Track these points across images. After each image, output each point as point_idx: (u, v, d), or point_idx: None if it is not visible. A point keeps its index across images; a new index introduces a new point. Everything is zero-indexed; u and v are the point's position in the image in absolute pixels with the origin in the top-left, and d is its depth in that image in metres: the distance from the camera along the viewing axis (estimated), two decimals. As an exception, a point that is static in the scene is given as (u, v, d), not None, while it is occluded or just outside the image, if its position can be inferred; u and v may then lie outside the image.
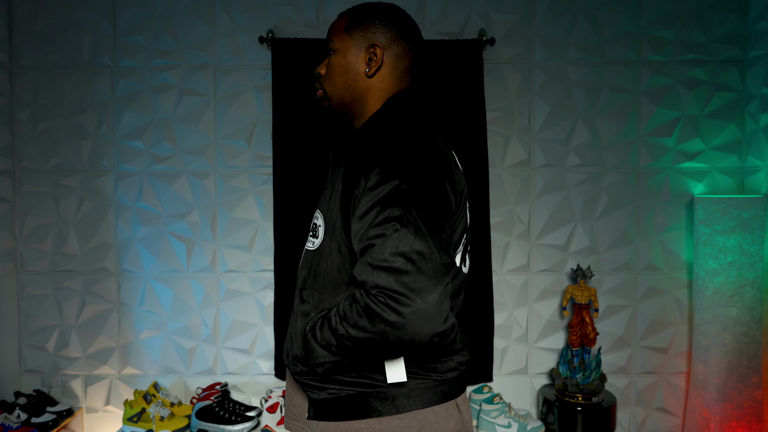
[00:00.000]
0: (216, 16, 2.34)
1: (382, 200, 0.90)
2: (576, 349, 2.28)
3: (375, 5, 1.14)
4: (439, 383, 1.07)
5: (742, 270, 2.17)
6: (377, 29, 1.11)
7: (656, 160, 2.37)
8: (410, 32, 1.13)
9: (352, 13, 1.13)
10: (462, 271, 1.13)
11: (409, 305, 0.86)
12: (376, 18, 1.11)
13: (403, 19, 1.13)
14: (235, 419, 2.20)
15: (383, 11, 1.13)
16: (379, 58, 1.10)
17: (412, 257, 0.87)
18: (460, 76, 2.28)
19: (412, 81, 1.16)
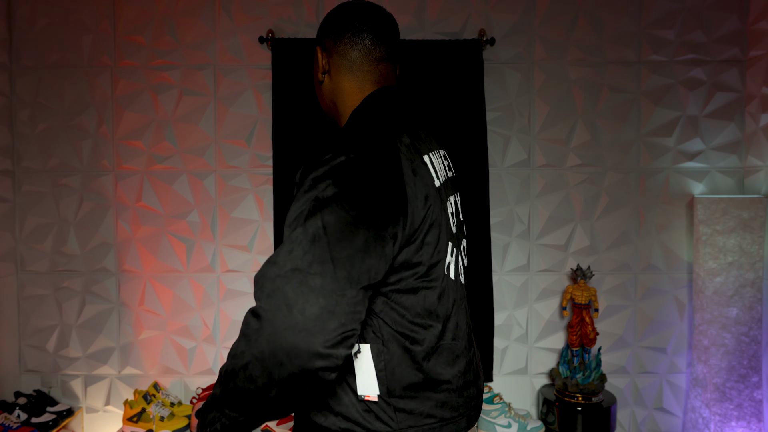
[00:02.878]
0: (216, 16, 2.34)
1: (294, 205, 0.86)
2: (576, 349, 2.28)
3: (336, 7, 1.08)
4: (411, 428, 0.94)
5: (742, 270, 2.17)
6: (323, 32, 1.06)
7: (656, 160, 2.37)
8: (361, 26, 1.03)
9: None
10: (450, 280, 1.00)
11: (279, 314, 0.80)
12: (325, 20, 1.07)
13: (351, 15, 1.04)
14: (235, 419, 2.20)
15: (333, 11, 1.07)
16: (320, 61, 1.07)
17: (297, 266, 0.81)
18: (460, 76, 2.28)
19: (397, 75, 1.12)
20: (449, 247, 0.99)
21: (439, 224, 0.94)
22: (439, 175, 1.01)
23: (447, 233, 0.98)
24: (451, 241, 1.00)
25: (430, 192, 0.94)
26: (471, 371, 1.04)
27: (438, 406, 0.97)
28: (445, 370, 0.97)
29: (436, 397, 0.97)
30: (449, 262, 0.99)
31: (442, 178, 1.03)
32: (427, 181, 0.94)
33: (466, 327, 1.06)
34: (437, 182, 0.99)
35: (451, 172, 1.14)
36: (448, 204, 1.03)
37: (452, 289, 1.01)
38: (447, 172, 1.10)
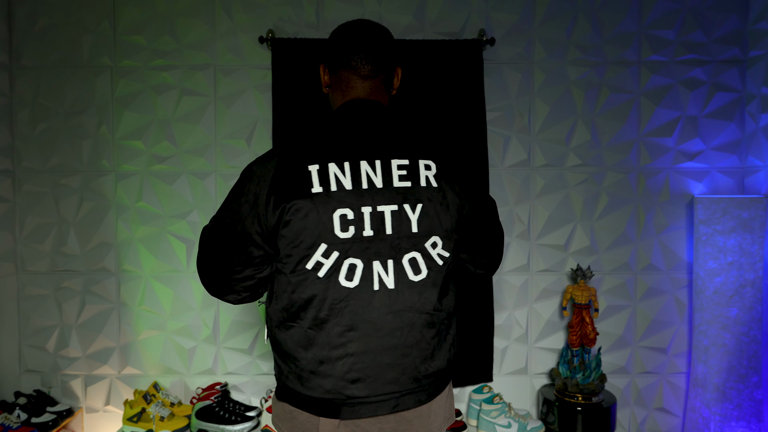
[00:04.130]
0: (216, 16, 2.34)
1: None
2: (576, 349, 2.28)
3: (335, 30, 1.25)
4: (301, 389, 1.15)
5: (742, 270, 2.17)
6: (324, 53, 1.25)
7: (656, 160, 2.37)
8: (342, 47, 1.19)
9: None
10: (320, 280, 1.10)
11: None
12: (327, 42, 1.25)
13: (339, 38, 1.21)
14: (235, 419, 2.20)
15: (333, 33, 1.24)
16: (322, 77, 1.26)
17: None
18: (460, 76, 2.28)
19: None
20: (322, 249, 1.08)
21: (304, 225, 1.07)
22: (341, 183, 1.09)
23: (323, 237, 1.08)
24: (334, 245, 1.08)
25: (299, 195, 1.07)
26: (353, 370, 1.12)
27: (300, 377, 1.15)
28: (299, 349, 1.13)
29: (297, 366, 1.14)
30: (326, 264, 1.09)
31: (352, 186, 1.09)
32: (298, 189, 1.08)
33: (369, 327, 1.12)
34: (318, 189, 1.08)
35: (406, 182, 1.12)
36: (365, 211, 1.09)
37: (332, 289, 1.10)
38: (383, 182, 1.11)
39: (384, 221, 1.11)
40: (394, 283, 1.11)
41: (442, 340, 1.19)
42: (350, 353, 1.11)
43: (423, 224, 1.12)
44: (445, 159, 1.19)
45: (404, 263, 1.12)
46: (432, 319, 1.16)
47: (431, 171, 1.15)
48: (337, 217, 1.08)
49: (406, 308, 1.12)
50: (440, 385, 1.22)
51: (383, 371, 1.13)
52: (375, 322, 1.11)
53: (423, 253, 1.13)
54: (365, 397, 1.13)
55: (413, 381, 1.15)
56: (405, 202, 1.12)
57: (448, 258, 1.17)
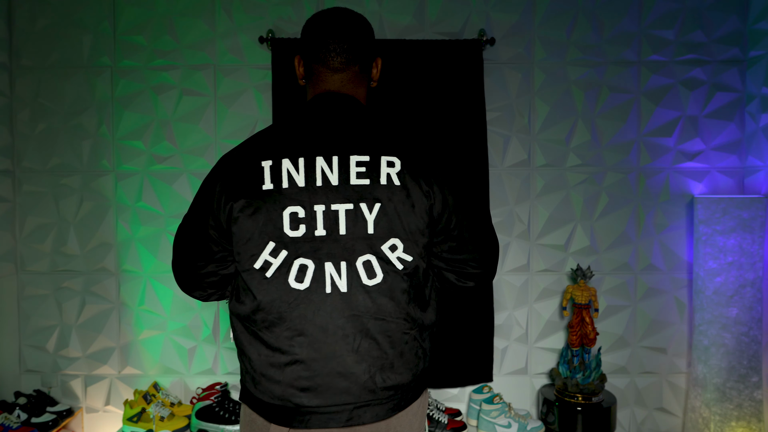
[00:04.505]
0: (216, 16, 2.34)
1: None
2: (576, 349, 2.28)
3: (307, 21, 1.21)
4: (254, 391, 1.12)
5: (742, 270, 2.17)
6: (299, 45, 1.20)
7: (656, 160, 2.37)
8: (310, 39, 1.15)
9: None
10: (266, 278, 1.05)
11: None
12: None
13: (308, 29, 1.16)
14: (235, 419, 2.20)
15: (305, 23, 1.19)
16: (297, 69, 1.21)
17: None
18: (460, 76, 2.28)
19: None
20: (270, 247, 1.05)
21: (253, 222, 1.05)
22: (294, 180, 1.05)
23: (271, 235, 1.04)
24: (283, 244, 1.04)
25: (249, 193, 1.05)
26: (303, 372, 1.07)
27: (253, 379, 1.11)
28: (251, 349, 1.10)
29: (250, 367, 1.11)
30: (274, 264, 1.05)
31: (305, 183, 1.05)
32: (248, 186, 1.06)
33: (319, 332, 1.05)
34: (269, 185, 1.05)
35: (364, 180, 1.05)
36: (318, 210, 1.04)
37: (281, 291, 1.05)
38: (339, 179, 1.05)
39: (338, 221, 1.04)
40: (347, 287, 1.04)
41: (406, 353, 1.09)
42: (299, 359, 1.05)
43: (381, 225, 1.04)
44: (413, 155, 1.08)
45: (358, 266, 1.05)
46: (389, 327, 1.06)
47: (394, 168, 1.06)
48: (287, 214, 1.04)
49: (359, 313, 1.05)
50: (404, 400, 1.11)
51: (334, 380, 1.05)
52: (326, 327, 1.04)
53: (379, 256, 1.05)
54: (316, 407, 1.06)
55: (368, 392, 1.07)
56: (361, 201, 1.04)
57: (411, 262, 1.06)
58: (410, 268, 1.07)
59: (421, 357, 1.12)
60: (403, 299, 1.07)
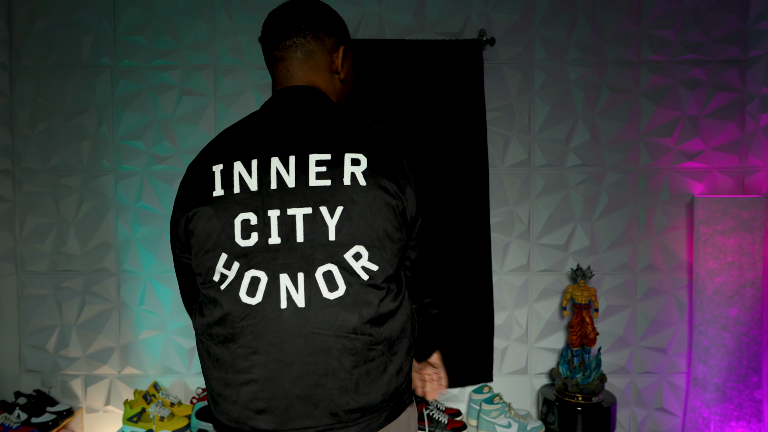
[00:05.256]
0: (216, 16, 2.34)
1: None
2: (576, 349, 2.28)
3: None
4: (214, 411, 1.05)
5: (742, 270, 2.17)
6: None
7: (656, 160, 2.37)
8: (268, 32, 1.09)
9: None
10: (221, 292, 0.97)
11: None
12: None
13: (270, 21, 1.09)
14: (235, 419, 2.20)
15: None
16: (269, 68, 1.13)
17: None
18: (460, 76, 2.28)
19: (297, 76, 1.09)
20: (223, 259, 0.96)
21: (206, 233, 0.97)
22: (246, 183, 0.96)
23: (223, 245, 0.96)
24: (234, 255, 0.95)
25: (200, 202, 0.98)
26: (266, 393, 0.97)
27: (212, 398, 1.05)
28: (210, 366, 1.03)
29: (209, 385, 1.05)
30: (228, 276, 0.96)
31: (257, 187, 0.96)
32: (199, 194, 1.00)
33: (274, 351, 0.96)
34: (220, 191, 0.97)
35: (325, 181, 0.95)
36: (272, 215, 0.95)
37: (232, 305, 0.96)
38: (297, 181, 0.96)
39: (295, 227, 0.94)
40: (305, 301, 0.94)
41: (373, 371, 0.98)
42: (254, 380, 0.96)
43: (343, 231, 0.94)
44: (382, 151, 0.98)
45: (317, 277, 0.94)
46: (353, 345, 0.95)
47: (359, 166, 0.95)
48: (238, 222, 0.95)
49: (318, 331, 0.94)
50: (374, 423, 1.00)
51: (292, 403, 0.95)
52: (281, 347, 0.94)
53: (341, 266, 0.94)
54: (272, 431, 0.96)
55: (330, 416, 0.96)
56: (322, 205, 0.94)
57: (378, 272, 0.96)
58: (377, 278, 0.96)
59: (393, 374, 1.01)
60: (369, 313, 0.96)
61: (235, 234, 0.95)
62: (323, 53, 1.07)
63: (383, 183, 0.96)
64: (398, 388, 1.03)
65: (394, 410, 1.03)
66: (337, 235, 0.94)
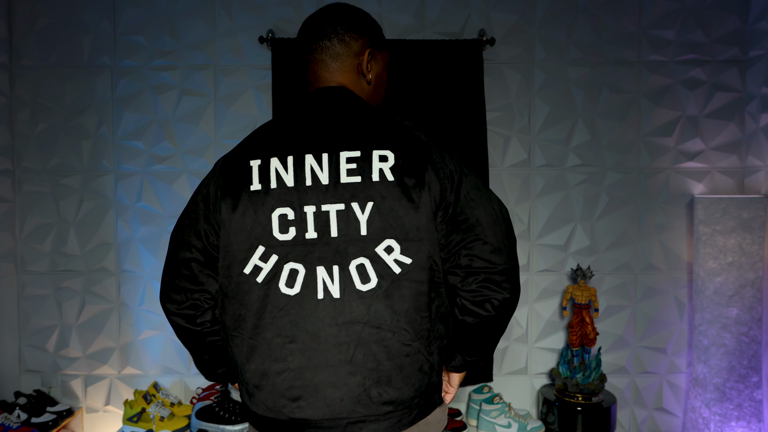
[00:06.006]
0: (216, 16, 2.34)
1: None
2: (576, 349, 2.28)
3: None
4: (249, 404, 1.07)
5: (742, 270, 2.17)
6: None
7: (656, 160, 2.37)
8: (301, 35, 1.14)
9: None
10: (256, 284, 1.00)
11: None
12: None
13: (303, 26, 1.15)
14: (235, 419, 2.20)
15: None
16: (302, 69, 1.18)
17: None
18: (460, 76, 2.28)
19: (325, 78, 1.13)
20: (259, 252, 1.00)
21: (240, 226, 1.01)
22: (282, 179, 1.00)
23: (260, 238, 1.00)
24: (272, 248, 0.99)
25: (237, 194, 1.02)
26: (297, 384, 1.00)
27: (247, 391, 1.06)
28: (243, 360, 1.05)
29: (243, 379, 1.06)
30: (264, 269, 1.00)
31: (294, 183, 1.00)
32: (237, 187, 1.03)
33: (310, 339, 0.99)
34: (257, 186, 1.01)
35: (355, 177, 0.99)
36: (308, 211, 0.99)
37: (271, 296, 0.99)
38: (329, 178, 0.99)
39: (329, 222, 0.98)
40: (340, 293, 0.97)
41: (407, 366, 1.00)
42: (291, 368, 0.99)
43: (374, 225, 0.97)
44: (409, 147, 1.01)
45: (351, 270, 0.98)
46: (385, 336, 0.98)
47: (387, 163, 0.99)
48: (276, 217, 0.99)
49: (353, 321, 0.97)
50: (407, 417, 1.01)
51: (326, 390, 0.98)
52: (317, 335, 0.98)
53: (373, 259, 0.97)
54: (307, 420, 0.99)
55: (362, 406, 0.98)
56: (353, 200, 0.98)
57: (411, 266, 0.98)
58: (411, 271, 0.98)
59: (426, 372, 1.02)
60: (403, 307, 0.98)
61: (272, 228, 0.99)
62: (349, 56, 1.11)
63: (411, 177, 0.98)
64: (430, 386, 1.04)
65: (424, 408, 1.05)
66: (368, 229, 0.98)
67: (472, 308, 1.03)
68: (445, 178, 1.00)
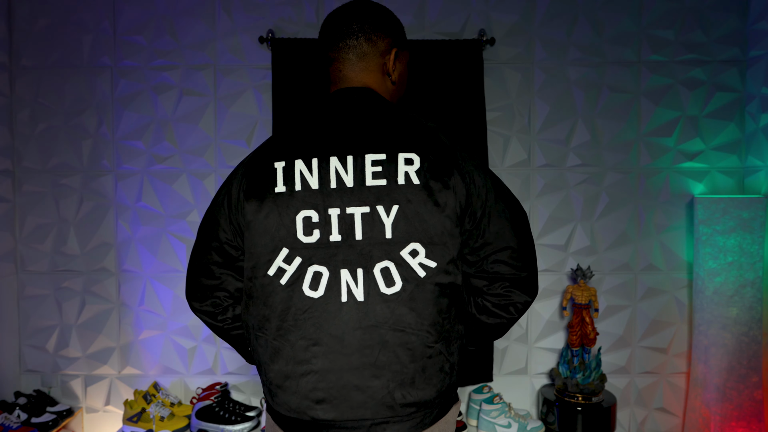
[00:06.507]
0: (216, 16, 2.34)
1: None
2: (576, 349, 2.28)
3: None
4: (272, 403, 1.08)
5: (742, 270, 2.17)
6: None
7: (656, 160, 2.37)
8: (324, 33, 1.12)
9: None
10: (280, 286, 1.01)
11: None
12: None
13: (325, 21, 1.14)
14: (235, 419, 2.21)
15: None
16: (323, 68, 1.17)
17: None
18: (460, 76, 2.28)
19: (348, 78, 1.12)
20: (283, 254, 1.00)
21: (264, 227, 1.01)
22: (307, 182, 1.00)
23: (284, 241, 1.00)
24: (296, 250, 0.99)
25: (261, 195, 1.01)
26: (321, 385, 1.01)
27: (270, 391, 1.07)
28: (267, 360, 1.06)
29: (267, 379, 1.07)
30: (288, 271, 1.00)
31: (318, 185, 0.99)
32: (261, 188, 1.02)
33: (335, 342, 0.99)
34: (282, 188, 1.00)
35: (380, 180, 0.99)
36: (333, 213, 0.99)
37: (295, 299, 1.00)
38: (354, 180, 0.99)
39: (354, 225, 0.98)
40: (364, 296, 0.98)
41: (429, 367, 1.01)
42: (314, 370, 1.00)
43: (399, 229, 0.98)
44: (435, 150, 1.01)
45: (375, 273, 0.98)
46: (409, 339, 0.99)
47: (413, 166, 0.99)
48: (300, 219, 0.99)
49: (377, 324, 0.98)
50: (428, 418, 1.04)
51: (350, 393, 0.99)
52: (341, 338, 0.99)
53: (398, 263, 0.98)
54: (331, 421, 1.00)
55: (386, 408, 1.00)
56: (378, 204, 0.98)
57: (436, 269, 0.99)
58: (435, 275, 0.99)
59: (447, 372, 1.04)
60: (426, 310, 0.99)
61: (297, 230, 0.99)
62: (375, 55, 1.10)
63: (436, 181, 0.98)
64: (450, 386, 1.07)
65: (444, 407, 1.07)
66: (393, 233, 0.98)
67: (494, 310, 1.09)
68: (471, 184, 1.01)
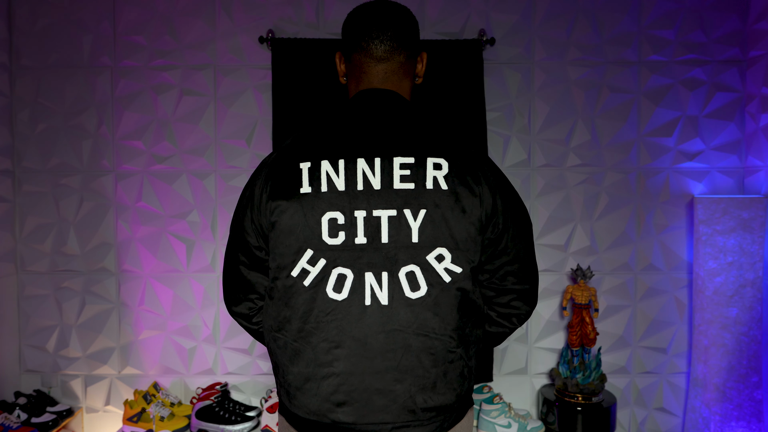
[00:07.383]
0: (216, 16, 2.34)
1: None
2: (576, 349, 2.28)
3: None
4: (289, 405, 1.07)
5: (742, 270, 2.17)
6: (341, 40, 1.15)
7: (656, 160, 2.37)
8: (352, 28, 1.09)
9: None
10: (303, 287, 1.00)
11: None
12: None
13: (349, 19, 1.10)
14: (235, 419, 2.21)
15: (347, 17, 1.13)
16: (338, 66, 1.15)
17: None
18: (460, 76, 2.28)
19: (376, 79, 1.10)
20: (308, 255, 0.99)
21: (289, 228, 0.99)
22: (333, 183, 0.98)
23: (309, 242, 0.99)
24: (321, 252, 0.99)
25: (286, 196, 1.00)
26: (342, 389, 1.01)
27: (288, 393, 1.06)
28: (286, 362, 1.05)
29: (285, 381, 1.06)
30: (312, 272, 0.99)
31: (345, 187, 0.98)
32: (286, 188, 1.01)
33: (357, 345, 0.99)
34: (307, 188, 0.99)
35: (408, 184, 0.98)
36: (359, 216, 0.98)
37: (318, 300, 1.00)
38: (382, 183, 0.98)
39: (380, 228, 0.97)
40: (388, 299, 0.98)
41: (450, 372, 1.02)
42: (336, 373, 0.99)
43: (426, 233, 0.97)
44: (462, 156, 1.01)
45: (401, 277, 0.98)
46: (432, 344, 0.99)
47: (441, 171, 0.98)
48: (325, 220, 0.98)
49: (400, 328, 0.98)
50: (447, 422, 1.04)
51: (372, 397, 0.99)
52: (364, 341, 0.98)
53: (423, 267, 0.98)
54: (352, 423, 1.00)
55: (408, 413, 1.00)
56: (405, 207, 0.97)
57: (461, 274, 0.99)
58: (460, 280, 1.00)
59: (466, 376, 1.05)
60: (450, 315, 1.00)
61: (322, 231, 0.98)
62: (400, 57, 1.09)
63: (464, 187, 0.99)
64: (468, 389, 1.08)
65: (462, 410, 1.08)
66: (420, 237, 0.98)
67: (498, 320, 1.11)
68: (496, 195, 1.02)
